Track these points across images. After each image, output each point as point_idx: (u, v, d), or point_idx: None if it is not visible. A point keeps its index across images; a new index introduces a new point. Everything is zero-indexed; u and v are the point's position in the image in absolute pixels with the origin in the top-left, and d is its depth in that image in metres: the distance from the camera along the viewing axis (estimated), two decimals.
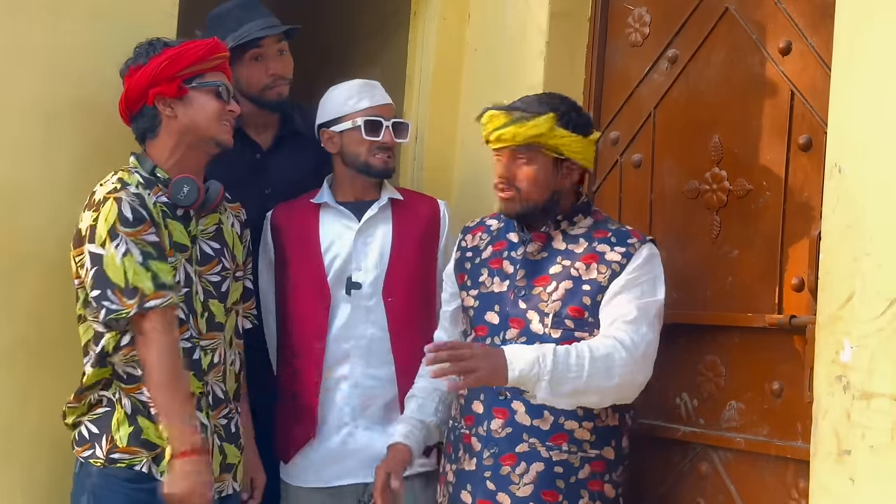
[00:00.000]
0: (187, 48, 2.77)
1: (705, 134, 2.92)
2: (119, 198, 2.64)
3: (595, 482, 2.65)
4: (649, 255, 2.68)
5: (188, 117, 2.77)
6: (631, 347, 2.55)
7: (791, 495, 2.60)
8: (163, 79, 2.73)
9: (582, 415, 2.62)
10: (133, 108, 2.79)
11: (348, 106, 3.10)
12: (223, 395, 2.81)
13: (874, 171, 2.24)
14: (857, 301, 2.24)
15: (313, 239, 3.09)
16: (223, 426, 2.81)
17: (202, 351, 2.76)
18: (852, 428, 2.22)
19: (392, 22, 4.25)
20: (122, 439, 2.67)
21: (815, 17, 2.67)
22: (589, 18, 3.32)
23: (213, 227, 2.85)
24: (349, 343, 3.03)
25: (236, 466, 2.85)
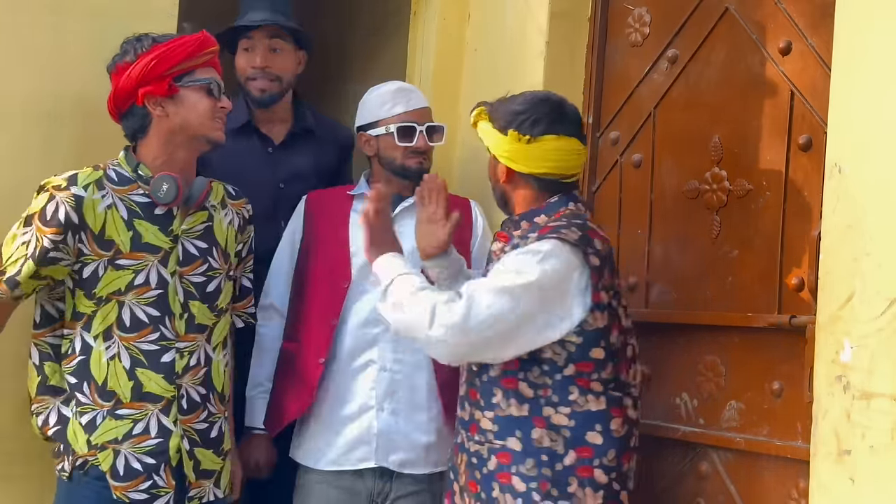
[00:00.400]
0: (176, 44, 2.72)
1: (705, 134, 2.92)
2: (54, 195, 2.65)
3: (503, 474, 2.57)
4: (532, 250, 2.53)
5: (180, 116, 2.73)
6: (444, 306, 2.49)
7: (791, 495, 2.60)
8: (152, 78, 2.69)
9: (484, 405, 2.61)
10: (122, 106, 2.75)
11: (383, 111, 3.13)
12: (200, 399, 2.77)
13: (874, 171, 2.24)
14: (857, 301, 2.24)
15: (342, 225, 3.13)
16: (199, 431, 2.76)
17: (178, 353, 2.73)
18: (852, 428, 2.22)
19: (392, 22, 4.25)
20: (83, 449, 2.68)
21: (815, 17, 2.67)
22: (589, 18, 3.32)
23: (200, 226, 2.81)
24: (378, 328, 3.03)
25: (218, 473, 2.82)
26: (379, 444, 3.01)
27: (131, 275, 2.69)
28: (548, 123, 2.65)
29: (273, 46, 3.32)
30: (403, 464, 3.02)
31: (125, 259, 2.69)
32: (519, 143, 2.65)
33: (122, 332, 2.69)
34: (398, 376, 3.04)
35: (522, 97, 2.72)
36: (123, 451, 2.68)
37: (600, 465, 2.55)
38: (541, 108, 2.68)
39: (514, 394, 2.57)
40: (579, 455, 2.54)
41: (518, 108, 2.68)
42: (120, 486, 2.67)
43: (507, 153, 2.66)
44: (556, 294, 2.51)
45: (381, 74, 3.71)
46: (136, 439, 2.68)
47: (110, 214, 2.68)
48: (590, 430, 2.56)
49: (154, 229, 2.73)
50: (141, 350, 2.69)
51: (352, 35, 4.69)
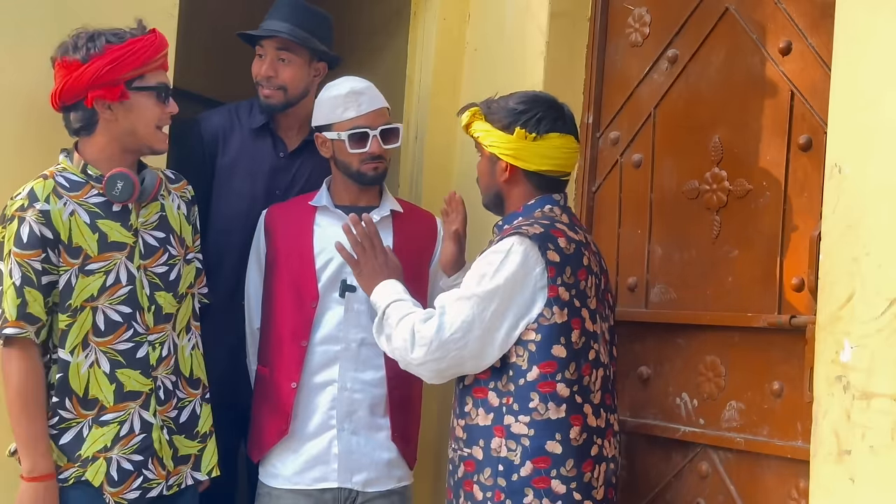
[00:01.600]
0: (132, 49, 2.68)
1: (705, 134, 2.92)
2: (22, 217, 2.61)
3: (467, 482, 2.59)
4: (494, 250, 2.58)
5: (129, 121, 2.71)
6: (420, 324, 2.58)
7: (791, 495, 2.60)
8: (104, 82, 2.65)
9: (458, 413, 2.64)
10: (67, 102, 2.70)
11: (335, 115, 3.05)
12: (172, 387, 2.78)
13: (874, 171, 2.24)
14: (857, 301, 2.24)
15: (306, 241, 3.06)
16: (172, 418, 2.78)
17: (150, 346, 2.73)
18: (852, 428, 2.22)
19: (392, 22, 4.26)
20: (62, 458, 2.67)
21: (815, 17, 2.68)
22: (589, 18, 3.32)
23: (155, 216, 2.80)
24: (339, 346, 3.01)
25: (195, 457, 2.82)
26: (341, 464, 2.99)
27: (101, 277, 2.67)
28: (551, 121, 2.68)
29: (280, 57, 3.32)
30: (367, 483, 3.01)
31: (94, 263, 2.67)
32: (525, 141, 2.65)
33: (98, 337, 2.68)
34: (357, 395, 3.01)
35: (517, 96, 2.73)
36: (115, 456, 2.67)
37: (557, 475, 2.52)
38: (542, 106, 2.69)
39: (483, 403, 2.58)
40: (536, 465, 2.52)
41: (519, 106, 2.68)
42: (115, 492, 2.66)
43: (513, 151, 2.66)
44: (521, 288, 2.54)
45: (382, 74, 3.71)
46: (124, 441, 2.68)
47: (74, 221, 2.66)
48: (549, 439, 2.53)
49: (116, 226, 2.71)
50: (118, 351, 2.69)
51: (352, 35, 4.69)
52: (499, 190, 2.74)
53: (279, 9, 3.36)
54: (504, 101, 2.72)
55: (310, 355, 3.00)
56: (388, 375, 3.01)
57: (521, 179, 2.70)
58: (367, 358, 3.01)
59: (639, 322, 3.01)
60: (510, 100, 2.72)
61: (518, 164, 2.67)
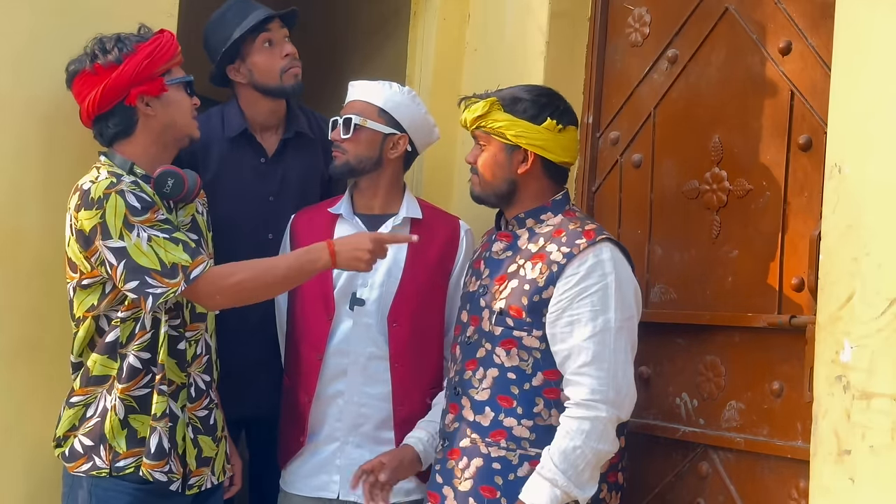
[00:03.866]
0: (160, 44, 2.75)
1: (705, 134, 2.92)
2: (121, 190, 2.62)
3: None
4: (597, 262, 2.57)
5: (168, 115, 2.76)
6: (603, 397, 2.51)
7: (791, 495, 2.60)
8: (146, 77, 2.71)
9: (521, 413, 2.61)
10: (105, 107, 2.73)
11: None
12: (204, 387, 2.80)
13: (874, 171, 2.24)
14: (857, 301, 2.24)
15: None
16: (200, 418, 2.79)
17: (187, 343, 2.75)
18: (852, 428, 2.22)
19: (392, 22, 4.26)
20: (122, 445, 2.67)
21: (815, 17, 2.67)
22: (589, 18, 3.32)
23: (189, 218, 2.83)
24: (348, 358, 3.00)
25: (213, 460, 2.83)
26: (343, 476, 2.98)
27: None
28: (570, 115, 2.75)
29: (285, 35, 3.30)
30: None
31: None
32: (552, 133, 2.69)
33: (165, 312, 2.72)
34: (364, 409, 2.99)
35: (525, 88, 2.76)
36: (158, 428, 2.68)
37: (622, 467, 2.70)
38: (559, 99, 2.76)
39: (556, 404, 2.60)
40: (611, 462, 2.63)
41: (540, 98, 2.72)
42: (150, 464, 2.67)
43: (541, 142, 2.68)
44: (636, 288, 2.66)
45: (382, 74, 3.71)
46: (163, 420, 2.69)
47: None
48: (620, 434, 2.63)
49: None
50: (168, 336, 2.71)
51: (352, 35, 4.69)
52: (514, 182, 2.73)
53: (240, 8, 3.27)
54: (514, 93, 2.73)
55: (323, 368, 3.01)
56: (394, 392, 2.99)
57: (539, 171, 2.72)
58: (376, 372, 3.00)
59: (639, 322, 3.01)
60: (519, 91, 2.73)
61: (545, 154, 2.70)
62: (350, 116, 3.04)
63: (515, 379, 2.62)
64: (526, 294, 2.62)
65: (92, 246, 2.62)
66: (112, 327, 2.69)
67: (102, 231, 2.60)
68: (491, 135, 2.73)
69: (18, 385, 2.93)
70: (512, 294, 2.64)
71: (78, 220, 2.64)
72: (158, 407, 2.67)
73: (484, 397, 2.66)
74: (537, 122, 2.68)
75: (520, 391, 2.60)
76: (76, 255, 2.67)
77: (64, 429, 2.73)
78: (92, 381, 2.71)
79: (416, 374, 2.98)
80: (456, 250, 3.09)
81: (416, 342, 3.01)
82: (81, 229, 2.64)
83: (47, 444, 2.81)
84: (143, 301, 2.60)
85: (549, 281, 2.59)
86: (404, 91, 3.12)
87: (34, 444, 2.92)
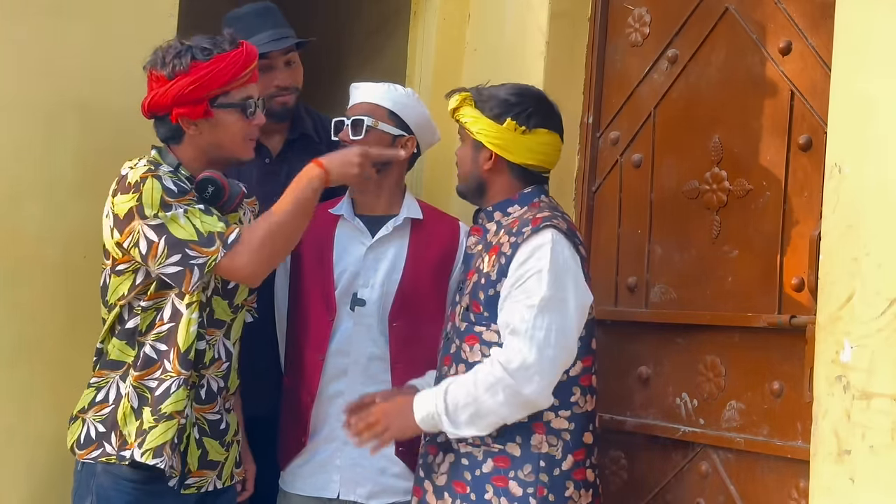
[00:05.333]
0: (217, 68, 2.66)
1: (705, 134, 2.92)
2: (158, 175, 2.63)
3: (499, 478, 2.58)
4: (537, 246, 2.55)
5: (214, 136, 2.72)
6: (505, 362, 2.47)
7: (791, 495, 2.60)
8: (188, 101, 2.66)
9: None
10: (156, 113, 2.72)
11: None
12: (217, 391, 2.79)
13: (874, 171, 2.24)
14: (857, 301, 2.24)
15: (327, 251, 3.05)
16: (209, 421, 2.78)
17: (207, 344, 2.75)
18: (852, 428, 2.22)
19: (392, 22, 4.26)
20: (131, 435, 2.66)
21: (815, 17, 2.68)
22: (589, 18, 3.32)
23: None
24: (348, 359, 3.00)
25: (221, 464, 2.82)
26: (343, 476, 2.98)
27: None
28: (542, 117, 2.71)
29: (288, 61, 3.32)
30: (371, 495, 2.99)
31: None
32: (514, 133, 2.68)
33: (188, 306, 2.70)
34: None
35: (508, 87, 2.75)
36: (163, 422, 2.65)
37: (590, 464, 2.61)
38: (533, 100, 2.73)
39: None
40: (576, 459, 2.58)
41: (512, 98, 2.71)
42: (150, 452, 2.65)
43: (501, 141, 2.68)
44: (576, 273, 2.57)
45: (382, 74, 3.71)
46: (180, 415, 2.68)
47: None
48: (585, 430, 2.60)
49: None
50: (192, 333, 2.69)
51: (352, 35, 4.69)
52: (481, 178, 2.74)
53: (257, 18, 3.29)
54: (496, 91, 2.74)
55: (325, 368, 3.01)
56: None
57: (504, 170, 2.72)
58: (376, 373, 2.99)
59: (639, 322, 3.01)
60: (502, 90, 2.74)
61: (504, 154, 2.70)
62: (361, 118, 3.02)
63: None
64: (482, 288, 2.63)
65: (127, 227, 2.61)
66: (132, 315, 2.69)
67: (139, 212, 2.60)
68: (466, 130, 2.76)
69: (19, 385, 2.94)
70: (472, 289, 2.66)
71: (114, 205, 2.63)
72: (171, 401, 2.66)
73: None
74: (499, 121, 2.68)
75: None
76: (109, 242, 2.67)
77: (76, 408, 2.73)
78: (107, 365, 2.71)
79: (416, 374, 2.98)
80: (456, 251, 3.08)
81: (417, 342, 3.00)
82: (117, 214, 2.62)
83: (49, 444, 2.81)
84: (188, 276, 2.59)
85: (500, 274, 2.60)
86: (409, 93, 3.12)
87: (35, 444, 2.93)
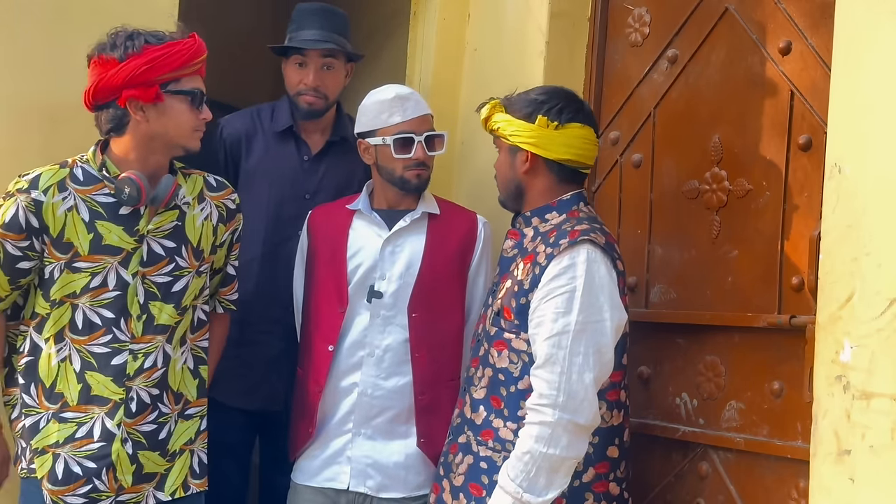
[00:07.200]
0: (170, 52, 2.64)
1: (705, 134, 2.92)
2: (16, 199, 2.61)
3: None
4: (570, 264, 2.53)
5: (160, 124, 2.67)
6: (551, 401, 2.44)
7: (791, 495, 2.60)
8: (140, 83, 2.61)
9: (507, 415, 2.59)
10: (101, 100, 2.67)
11: (380, 120, 3.03)
12: (150, 400, 2.71)
13: (874, 171, 2.24)
14: (857, 301, 2.24)
15: (341, 244, 3.06)
16: (146, 433, 2.71)
17: (131, 355, 2.69)
18: (852, 428, 2.22)
19: (392, 22, 4.26)
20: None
21: (815, 17, 2.68)
22: (589, 18, 3.33)
23: (169, 224, 2.75)
24: (364, 351, 3.01)
25: (160, 475, 2.75)
26: (354, 468, 2.99)
27: (87, 277, 2.65)
28: (572, 111, 2.71)
29: (326, 64, 3.34)
30: (381, 488, 3.00)
31: (83, 262, 2.65)
32: (547, 130, 2.68)
33: (74, 334, 2.66)
34: (377, 401, 3.00)
35: (537, 89, 2.77)
36: (63, 454, 2.64)
37: (614, 478, 2.61)
38: (562, 97, 2.74)
39: None
40: (597, 471, 2.58)
41: (540, 96, 2.72)
42: (57, 490, 2.63)
43: (535, 139, 2.68)
44: (611, 291, 2.54)
45: (382, 74, 3.71)
46: (77, 443, 2.65)
47: (70, 217, 2.64)
48: (610, 444, 2.61)
49: (118, 230, 2.68)
50: (92, 353, 2.66)
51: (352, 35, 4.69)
52: (519, 182, 2.73)
53: (312, 16, 3.36)
54: (524, 94, 2.76)
55: (336, 360, 3.02)
56: (416, 381, 2.99)
57: (541, 170, 2.71)
58: (392, 365, 3.00)
59: (639, 322, 3.00)
60: (531, 92, 2.76)
61: (539, 152, 2.68)
62: (443, 134, 3.08)
63: (504, 381, 2.62)
64: (515, 295, 2.62)
65: None
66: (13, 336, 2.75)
67: None
68: (500, 138, 2.76)
69: None
70: (506, 294, 2.65)
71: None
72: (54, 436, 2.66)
73: (480, 396, 2.67)
74: (530, 119, 2.69)
75: (507, 393, 2.60)
76: None
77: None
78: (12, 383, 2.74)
79: (437, 363, 3.00)
80: (474, 243, 3.11)
81: (436, 332, 3.02)
82: None
83: None
84: None
85: (533, 283, 2.58)
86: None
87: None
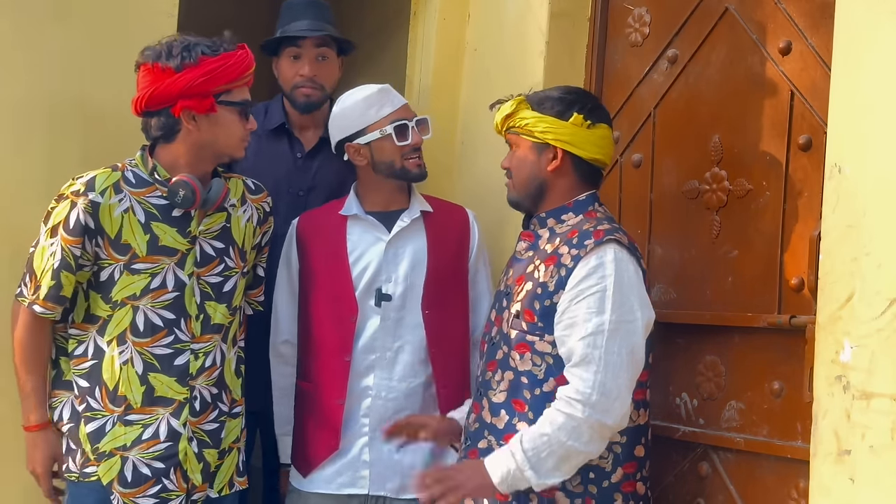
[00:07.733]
0: (226, 64, 2.67)
1: (705, 134, 2.92)
2: (74, 202, 2.64)
3: (549, 490, 2.54)
4: (599, 264, 2.53)
5: (211, 133, 2.71)
6: (584, 398, 2.44)
7: (791, 495, 2.60)
8: (196, 94, 2.64)
9: (532, 418, 2.57)
10: (153, 108, 2.69)
11: (369, 116, 3.03)
12: (211, 399, 2.77)
13: (874, 171, 2.24)
14: (857, 301, 2.24)
15: (340, 252, 3.05)
16: (208, 431, 2.77)
17: (192, 355, 2.73)
18: (852, 428, 2.22)
19: (392, 22, 4.26)
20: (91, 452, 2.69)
21: (815, 17, 2.67)
22: (589, 18, 3.33)
23: (218, 226, 2.81)
24: (375, 354, 3.01)
25: (214, 473, 2.80)
26: (373, 471, 2.99)
27: (147, 279, 2.69)
28: (602, 112, 2.74)
29: (321, 55, 3.36)
30: (401, 489, 3.00)
31: (141, 263, 2.69)
32: (580, 128, 2.67)
33: (136, 336, 2.69)
34: (391, 403, 3.00)
35: (558, 88, 2.76)
36: (131, 457, 2.68)
37: (641, 477, 2.62)
38: (590, 97, 2.77)
39: None
40: (626, 471, 2.59)
41: (569, 96, 2.71)
42: (127, 493, 2.67)
43: (568, 137, 2.66)
44: (640, 290, 2.56)
45: (382, 75, 3.71)
46: (144, 444, 2.68)
47: (127, 219, 2.68)
48: (637, 444, 2.61)
49: (172, 231, 2.72)
50: (154, 355, 2.70)
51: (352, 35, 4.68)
52: (543, 181, 2.70)
53: (303, 8, 3.37)
54: (546, 92, 2.75)
55: (352, 368, 3.01)
56: (437, 375, 3.02)
57: (568, 169, 2.69)
58: (404, 366, 3.01)
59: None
60: (552, 91, 2.74)
61: (572, 150, 2.67)
62: (426, 118, 3.11)
63: (527, 384, 2.60)
64: (538, 298, 2.60)
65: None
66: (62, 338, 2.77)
67: (46, 219, 2.69)
68: (520, 135, 2.71)
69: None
70: (526, 297, 2.63)
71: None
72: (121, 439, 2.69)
73: (500, 399, 2.65)
74: (564, 117, 2.66)
75: (531, 396, 2.58)
76: None
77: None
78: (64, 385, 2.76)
79: (453, 356, 3.04)
80: (469, 236, 3.14)
81: (448, 326, 3.05)
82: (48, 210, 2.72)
83: None
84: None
85: (558, 285, 2.56)
86: None
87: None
